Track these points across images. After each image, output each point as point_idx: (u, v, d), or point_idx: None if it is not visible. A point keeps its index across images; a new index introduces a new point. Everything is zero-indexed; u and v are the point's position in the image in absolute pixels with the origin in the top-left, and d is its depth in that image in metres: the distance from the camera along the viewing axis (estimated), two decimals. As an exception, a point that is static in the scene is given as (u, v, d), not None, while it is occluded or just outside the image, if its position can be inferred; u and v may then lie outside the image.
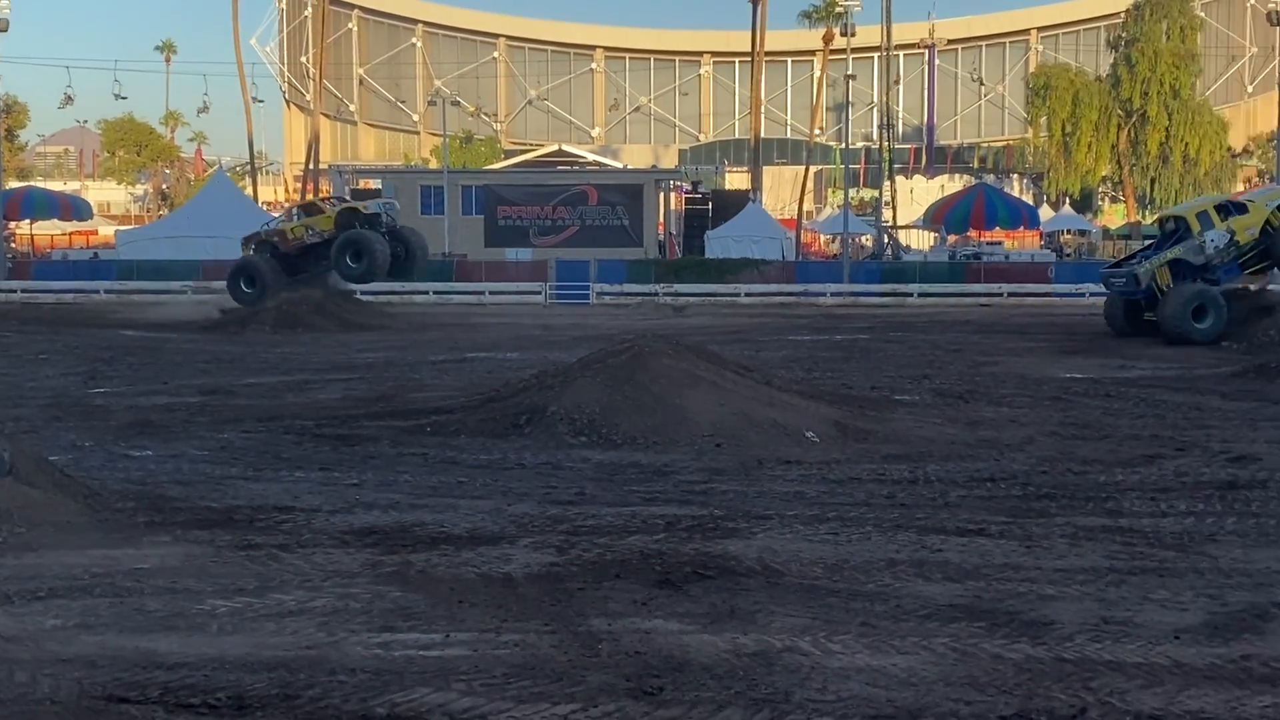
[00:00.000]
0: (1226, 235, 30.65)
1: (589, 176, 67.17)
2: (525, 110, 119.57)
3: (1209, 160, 77.30)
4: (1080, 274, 51.09)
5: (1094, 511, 11.97)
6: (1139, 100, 76.25)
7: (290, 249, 36.68)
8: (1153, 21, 77.54)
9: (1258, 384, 21.42)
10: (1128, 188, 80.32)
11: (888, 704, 6.97)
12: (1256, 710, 6.87)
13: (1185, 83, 77.19)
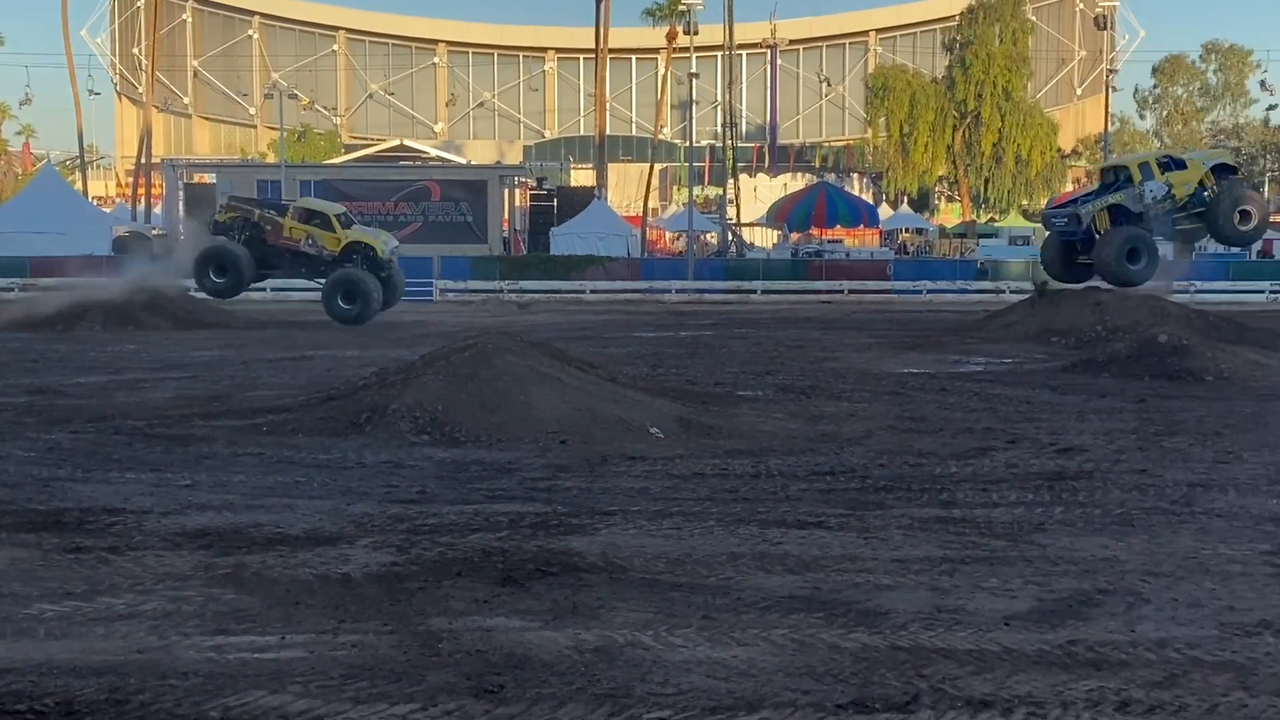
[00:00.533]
0: (1165, 187, 32.16)
1: (432, 172, 66.65)
2: (366, 104, 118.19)
3: (1040, 161, 79.57)
4: (918, 271, 52.30)
5: (929, 503, 12.21)
6: (973, 102, 78.14)
7: (277, 244, 34.36)
8: (986, 25, 79.54)
9: (1085, 378, 22.08)
10: (963, 187, 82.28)
11: (727, 695, 7.04)
12: (1081, 693, 7.08)
13: (1017, 85, 79.33)
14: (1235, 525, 11.23)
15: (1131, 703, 6.96)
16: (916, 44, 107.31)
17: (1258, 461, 14.36)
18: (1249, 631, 8.18)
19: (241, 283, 33.80)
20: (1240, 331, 28.58)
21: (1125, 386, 20.92)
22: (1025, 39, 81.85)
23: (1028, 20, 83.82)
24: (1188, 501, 12.22)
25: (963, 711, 6.85)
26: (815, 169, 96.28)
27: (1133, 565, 9.79)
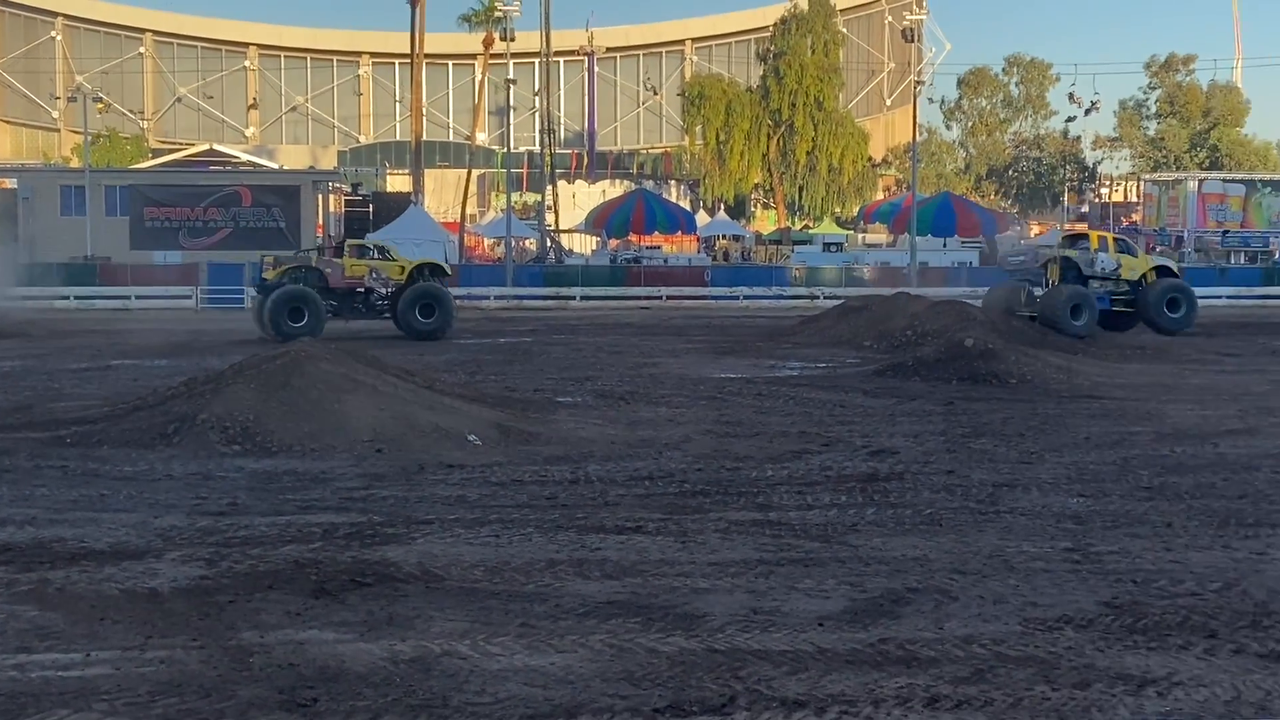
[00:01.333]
0: (1115, 264, 35.06)
1: (242, 177, 65.34)
2: (174, 108, 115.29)
3: (852, 169, 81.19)
4: (735, 277, 52.93)
5: (745, 506, 12.36)
6: (787, 111, 79.33)
7: (339, 286, 33.80)
8: (799, 36, 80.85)
9: (896, 381, 22.57)
10: (778, 194, 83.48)
11: (545, 703, 7.02)
12: (892, 690, 7.23)
13: (829, 95, 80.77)
14: (1038, 523, 11.59)
15: (940, 699, 7.13)
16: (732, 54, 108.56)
17: (1058, 462, 14.84)
18: (1051, 626, 8.45)
19: (319, 325, 32.17)
20: (1042, 336, 29.52)
21: (934, 389, 21.44)
22: (836, 50, 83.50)
23: (839, 32, 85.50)
24: (993, 501, 12.58)
25: (777, 712, 6.95)
26: (633, 176, 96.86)
27: (941, 564, 10.04)
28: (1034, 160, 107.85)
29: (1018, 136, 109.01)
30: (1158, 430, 17.29)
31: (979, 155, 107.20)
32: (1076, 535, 11.10)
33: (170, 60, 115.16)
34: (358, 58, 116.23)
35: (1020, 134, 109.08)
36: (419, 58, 73.73)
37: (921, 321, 29.94)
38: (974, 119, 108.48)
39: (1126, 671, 7.59)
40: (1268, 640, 8.21)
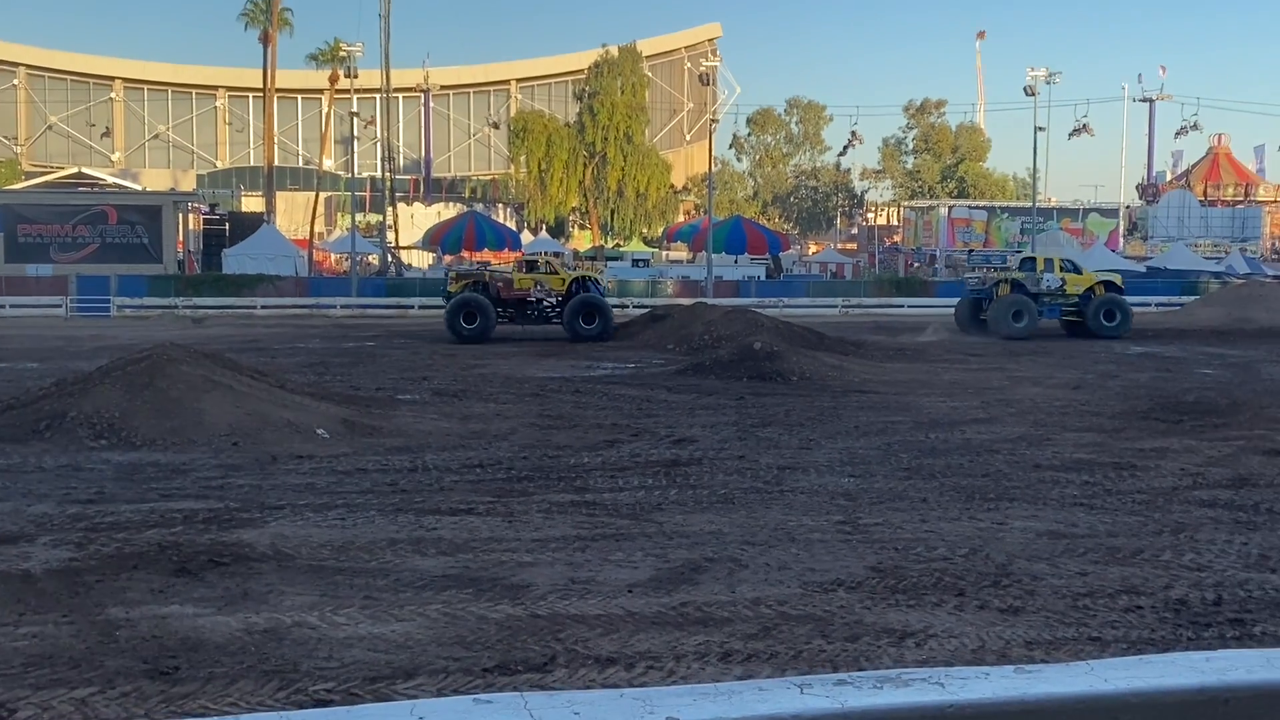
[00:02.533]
0: (1059, 281, 36.61)
1: (109, 197, 62.95)
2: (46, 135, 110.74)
3: (656, 195, 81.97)
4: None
5: (565, 489, 12.37)
6: (600, 144, 79.76)
7: (508, 297, 34.15)
8: (610, 78, 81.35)
9: (695, 379, 22.81)
10: (593, 217, 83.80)
11: (386, 666, 6.94)
12: (691, 647, 7.31)
13: (637, 130, 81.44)
14: (815, 500, 11.83)
15: (732, 653, 7.23)
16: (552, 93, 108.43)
17: (833, 447, 15.17)
18: (826, 589, 8.64)
19: (489, 328, 33.20)
20: (820, 339, 30.11)
21: (728, 386, 21.72)
22: (643, 91, 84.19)
23: (645, 75, 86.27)
24: (778, 482, 12.80)
25: (592, 669, 6.97)
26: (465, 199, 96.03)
27: (733, 537, 10.18)
28: (811, 189, 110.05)
29: (798, 168, 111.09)
30: (915, 419, 17.77)
31: (765, 184, 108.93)
32: (848, 510, 11.36)
33: (42, 91, 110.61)
34: (215, 91, 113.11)
35: (800, 166, 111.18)
36: (271, 91, 72.24)
37: (717, 327, 30.28)
38: (761, 152, 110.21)
39: (890, 626, 7.79)
40: (1007, 597, 8.51)
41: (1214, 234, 77.24)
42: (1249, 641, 7.66)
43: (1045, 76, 57.08)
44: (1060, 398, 20.58)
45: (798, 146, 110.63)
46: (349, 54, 60.12)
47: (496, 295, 34.23)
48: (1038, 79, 57.04)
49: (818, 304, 48.50)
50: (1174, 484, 12.83)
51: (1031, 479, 13.10)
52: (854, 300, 50.58)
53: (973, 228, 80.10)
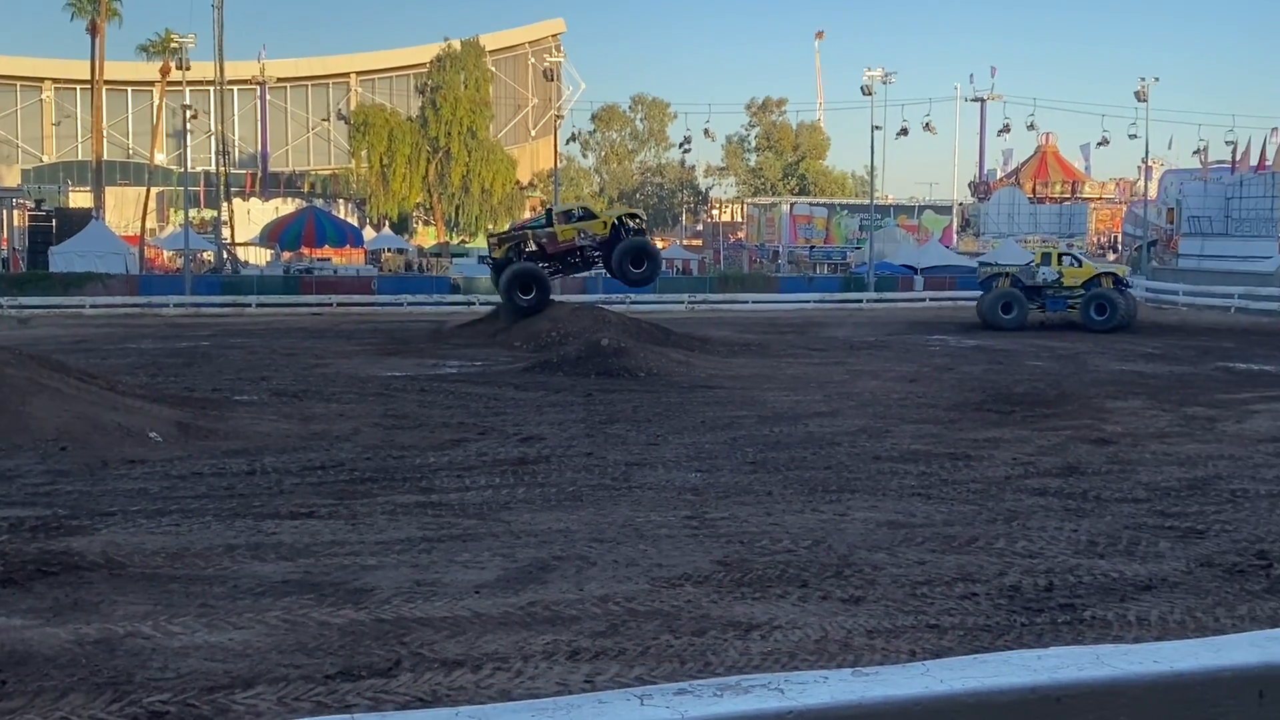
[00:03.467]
0: (1055, 274, 36.92)
1: (-75, 193, 60.27)
2: None
3: (501, 191, 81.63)
4: (399, 286, 52.21)
5: (410, 490, 12.22)
6: (444, 139, 79.08)
7: (556, 250, 33.21)
8: (453, 72, 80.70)
9: (543, 376, 22.76)
10: (437, 213, 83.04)
11: (225, 675, 6.75)
12: (539, 647, 7.28)
13: (481, 126, 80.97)
14: (662, 496, 11.90)
15: (580, 651, 7.22)
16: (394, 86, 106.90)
17: (680, 443, 15.28)
18: (674, 584, 8.69)
19: (547, 297, 32.28)
20: (666, 335, 30.34)
21: (576, 383, 21.73)
22: (486, 86, 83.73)
23: (488, 70, 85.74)
24: (625, 478, 12.84)
25: (439, 671, 6.89)
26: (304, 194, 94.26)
27: (582, 534, 10.17)
28: (657, 185, 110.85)
29: (643, 165, 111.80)
30: (760, 414, 18.01)
31: (611, 180, 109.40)
32: (695, 505, 11.45)
33: None
34: (41, 83, 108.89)
35: (645, 163, 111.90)
36: (99, 83, 69.91)
37: (564, 324, 30.27)
38: (606, 149, 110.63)
39: (736, 619, 7.87)
40: (848, 587, 8.67)
41: (1043, 229, 79.98)
42: (1079, 625, 7.94)
43: (881, 76, 58.39)
44: (898, 390, 21.08)
45: (643, 143, 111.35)
46: (181, 45, 58.48)
47: (542, 252, 33.53)
48: (874, 79, 58.33)
49: (664, 300, 48.80)
50: (1007, 473, 13.24)
51: (872, 470, 13.39)
52: (700, 296, 51.08)
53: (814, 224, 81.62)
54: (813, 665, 7.05)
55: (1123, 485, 12.63)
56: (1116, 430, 16.43)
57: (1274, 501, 11.89)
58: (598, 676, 6.84)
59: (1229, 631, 7.65)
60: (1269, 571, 9.29)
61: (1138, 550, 9.90)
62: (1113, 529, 10.61)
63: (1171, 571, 9.25)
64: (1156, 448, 15.08)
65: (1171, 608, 8.33)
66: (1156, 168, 79.22)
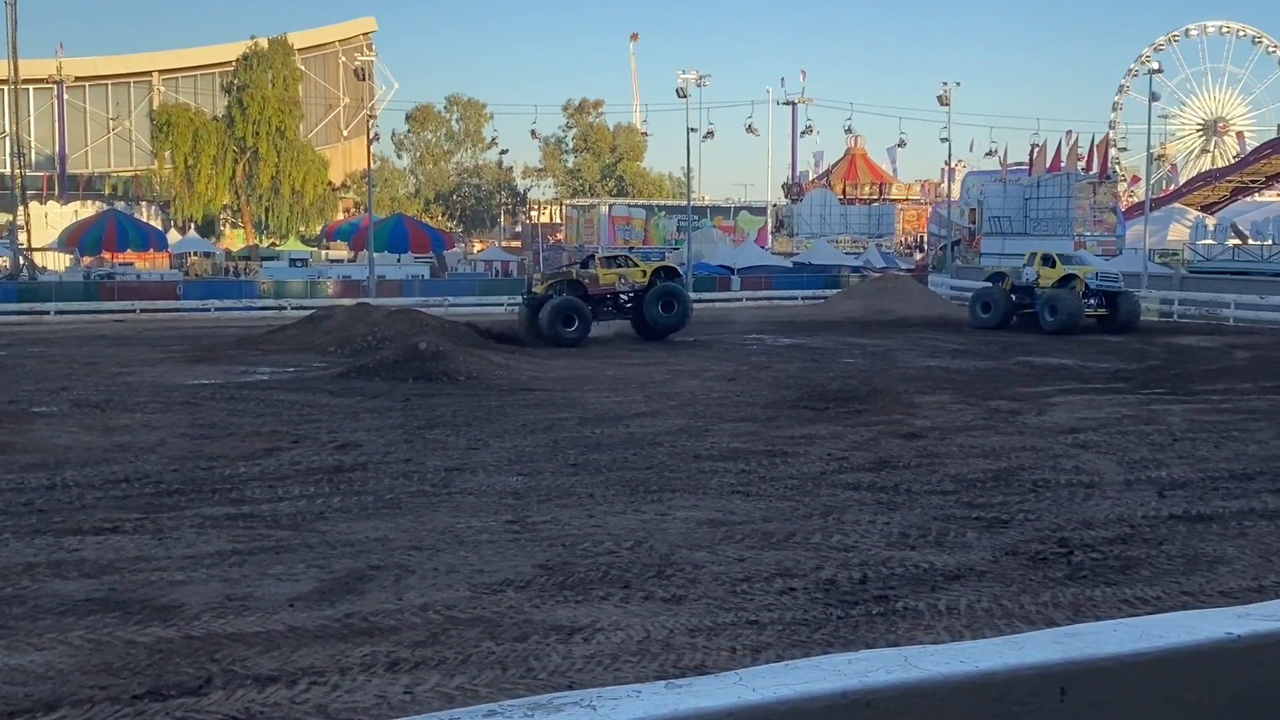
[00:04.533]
0: (1035, 274, 36.72)
1: None
2: None
3: (313, 193, 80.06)
4: (207, 291, 50.71)
5: (220, 501, 11.86)
6: (252, 139, 77.19)
7: (597, 293, 33.37)
8: (260, 71, 78.84)
9: (359, 382, 22.36)
10: (246, 215, 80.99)
11: (25, 699, 6.45)
12: (357, 659, 7.14)
13: (291, 125, 79.27)
14: (483, 501, 11.81)
15: (400, 661, 7.11)
16: (198, 85, 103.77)
17: (500, 446, 15.19)
18: (495, 590, 8.62)
19: (588, 330, 32.29)
20: (484, 337, 30.13)
21: (393, 388, 21.41)
22: (296, 85, 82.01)
23: (297, 69, 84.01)
24: (445, 484, 12.70)
25: (252, 688, 6.70)
26: (105, 197, 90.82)
27: (400, 542, 10.02)
28: (474, 187, 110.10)
29: (460, 166, 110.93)
30: (581, 415, 18.03)
31: (427, 182, 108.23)
32: (516, 509, 11.39)
33: None
34: None
35: (462, 164, 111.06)
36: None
37: (380, 328, 29.79)
38: (422, 150, 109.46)
39: (558, 623, 7.85)
40: (670, 586, 8.74)
41: (853, 230, 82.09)
42: (892, 616, 8.15)
43: (696, 79, 59.12)
44: (717, 389, 21.35)
45: (459, 144, 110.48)
46: (-31, 40, 55.72)
47: (584, 293, 33.52)
48: (689, 81, 59.02)
49: (484, 302, 48.44)
50: (822, 469, 13.53)
51: (692, 469, 13.52)
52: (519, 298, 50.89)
53: (633, 225, 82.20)
54: (635, 666, 7.08)
55: (931, 478, 13.03)
56: (925, 424, 16.94)
57: (1073, 491, 12.42)
58: (417, 687, 6.75)
59: (1033, 618, 7.96)
60: (1069, 559, 9.69)
61: (946, 541, 10.22)
62: (923, 520, 10.93)
63: (979, 561, 9.58)
64: (963, 441, 15.60)
65: (979, 596, 8.62)
66: (959, 170, 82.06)
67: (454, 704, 6.54)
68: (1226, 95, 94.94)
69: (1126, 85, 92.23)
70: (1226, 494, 12.35)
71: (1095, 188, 65.85)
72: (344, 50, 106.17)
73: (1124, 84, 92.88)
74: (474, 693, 6.60)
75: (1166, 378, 23.63)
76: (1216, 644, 2.29)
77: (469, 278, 60.29)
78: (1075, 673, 2.11)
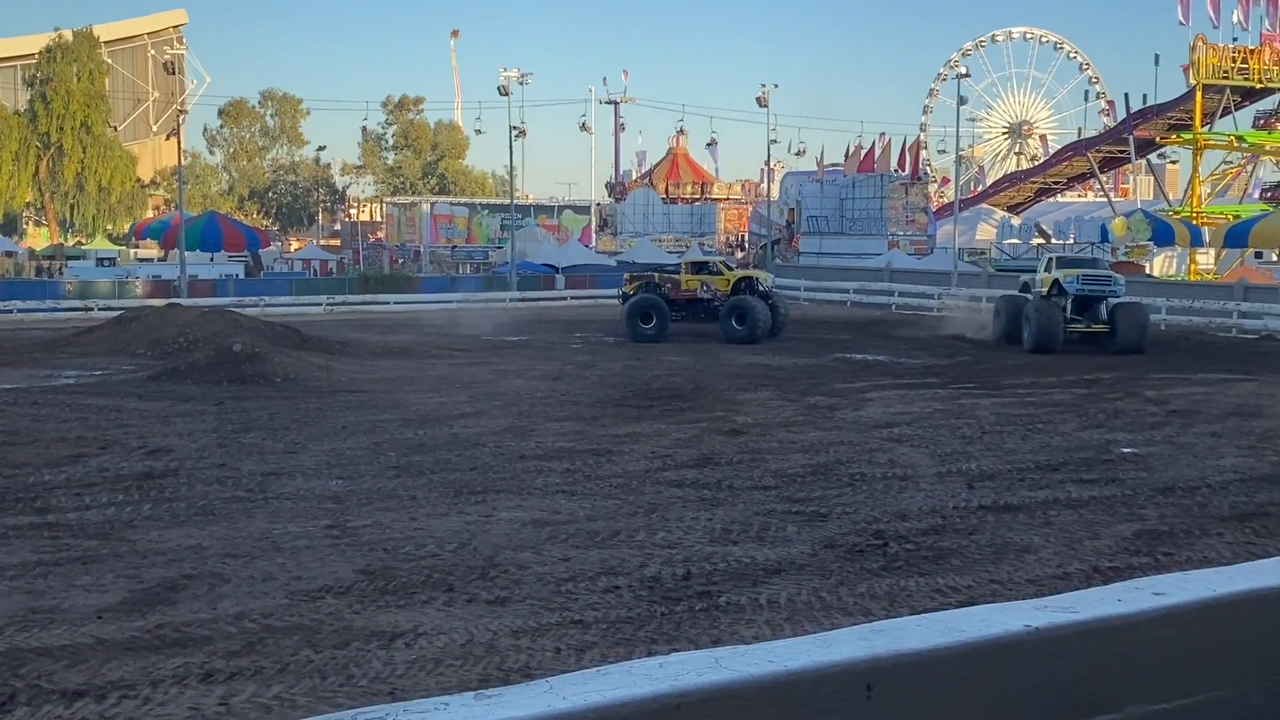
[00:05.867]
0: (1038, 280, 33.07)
1: None
2: None
3: (120, 189, 77.42)
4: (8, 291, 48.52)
5: (24, 511, 11.37)
6: (56, 134, 74.30)
7: (677, 298, 33.92)
8: (64, 64, 75.91)
9: (170, 385, 21.66)
10: (50, 213, 77.86)
11: None
12: (169, 671, 6.92)
13: (97, 120, 76.50)
14: (302, 506, 11.57)
15: (215, 672, 6.92)
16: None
17: (320, 450, 14.90)
18: (314, 596, 8.45)
19: (666, 329, 32.91)
20: (302, 339, 29.49)
21: (207, 391, 20.81)
22: (102, 78, 79.15)
23: (103, 62, 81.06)
24: (262, 489, 12.40)
25: (58, 704, 6.44)
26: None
27: (214, 550, 9.75)
28: (291, 184, 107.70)
29: (275, 162, 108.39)
30: (404, 417, 17.80)
31: (241, 178, 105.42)
32: (336, 514, 11.19)
33: None
34: None
35: (278, 160, 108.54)
36: None
37: (193, 329, 28.89)
38: (235, 146, 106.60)
39: (380, 629, 7.74)
40: (494, 588, 8.69)
41: (676, 229, 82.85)
42: (715, 612, 8.25)
43: (518, 77, 58.94)
44: (542, 389, 21.33)
45: (274, 140, 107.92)
46: None
47: (667, 296, 33.99)
48: (510, 79, 58.80)
49: (301, 302, 47.41)
50: (646, 467, 13.63)
51: (517, 470, 13.48)
52: (339, 298, 50.01)
53: (455, 224, 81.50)
54: (459, 670, 7.02)
55: (753, 473, 13.25)
56: (747, 421, 17.21)
57: (888, 484, 12.77)
58: (233, 698, 6.57)
59: (851, 610, 8.16)
60: (885, 550, 9.96)
61: (768, 535, 10.40)
62: (745, 516, 11.10)
63: (799, 554, 9.77)
64: (783, 436, 15.90)
65: (799, 589, 8.79)
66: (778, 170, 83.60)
67: (271, 714, 6.39)
68: (1031, 99, 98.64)
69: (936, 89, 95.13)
70: (1033, 484, 12.85)
71: (907, 188, 67.77)
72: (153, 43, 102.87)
73: (934, 88, 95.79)
74: (292, 702, 6.46)
75: (976, 373, 24.48)
76: (1016, 636, 2.37)
77: (285, 277, 58.94)
78: (881, 669, 2.16)
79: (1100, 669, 2.64)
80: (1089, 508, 11.72)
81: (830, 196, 67.50)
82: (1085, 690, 2.59)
